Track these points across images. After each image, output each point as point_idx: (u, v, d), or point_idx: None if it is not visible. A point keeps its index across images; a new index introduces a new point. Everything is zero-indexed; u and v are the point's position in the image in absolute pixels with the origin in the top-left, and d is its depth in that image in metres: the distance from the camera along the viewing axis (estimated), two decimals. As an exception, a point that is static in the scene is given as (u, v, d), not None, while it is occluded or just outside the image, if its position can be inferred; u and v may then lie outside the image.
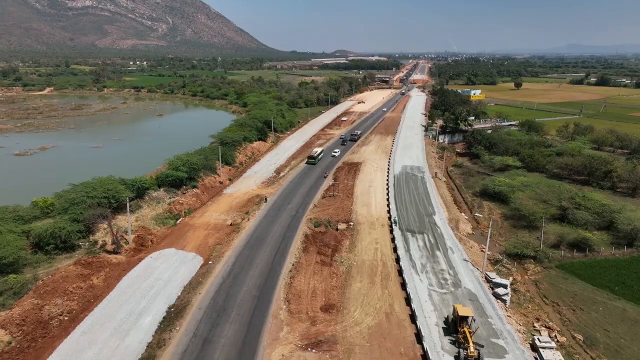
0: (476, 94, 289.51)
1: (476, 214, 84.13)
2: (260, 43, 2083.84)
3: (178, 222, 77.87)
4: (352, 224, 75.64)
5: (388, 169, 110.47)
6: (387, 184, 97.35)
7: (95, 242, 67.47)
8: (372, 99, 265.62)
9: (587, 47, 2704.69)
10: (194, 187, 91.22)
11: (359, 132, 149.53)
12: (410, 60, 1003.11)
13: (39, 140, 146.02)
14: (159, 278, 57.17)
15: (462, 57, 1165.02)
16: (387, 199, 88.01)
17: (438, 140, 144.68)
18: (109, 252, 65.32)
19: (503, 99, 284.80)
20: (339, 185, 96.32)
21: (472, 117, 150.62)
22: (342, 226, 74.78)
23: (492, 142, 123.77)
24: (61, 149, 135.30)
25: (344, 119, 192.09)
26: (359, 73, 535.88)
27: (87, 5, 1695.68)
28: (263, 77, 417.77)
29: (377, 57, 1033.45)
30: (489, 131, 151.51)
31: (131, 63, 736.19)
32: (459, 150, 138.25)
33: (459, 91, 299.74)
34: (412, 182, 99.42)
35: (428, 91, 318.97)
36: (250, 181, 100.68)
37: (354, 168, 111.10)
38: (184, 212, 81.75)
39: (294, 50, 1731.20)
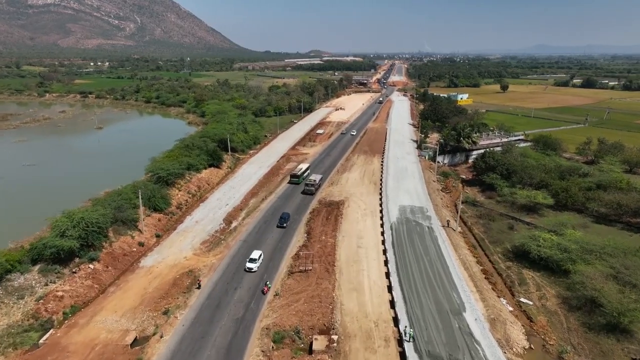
0: (463, 98, 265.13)
1: (522, 300, 55.56)
2: (233, 43, 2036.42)
3: (43, 340, 46.29)
4: (335, 338, 45.76)
5: (381, 212, 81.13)
6: (383, 243, 67.99)
7: None
8: (351, 105, 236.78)
9: (555, 48, 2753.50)
10: (92, 259, 59.54)
11: (317, 180, 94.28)
12: (386, 61, 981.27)
13: None
14: None
15: (437, 58, 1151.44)
16: (387, 274, 58.60)
17: (437, 162, 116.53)
18: None
19: (492, 104, 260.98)
20: (314, 247, 66.31)
21: (477, 133, 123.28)
22: (319, 343, 44.86)
23: (510, 169, 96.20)
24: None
25: (319, 131, 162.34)
26: (335, 74, 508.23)
27: (48, 3, 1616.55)
28: (232, 79, 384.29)
29: (352, 58, 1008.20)
30: (497, 148, 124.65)
31: (92, 64, 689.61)
32: (464, 177, 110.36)
33: (444, 95, 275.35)
34: (418, 237, 70.31)
35: (411, 95, 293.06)
36: (186, 240, 69.46)
37: (334, 211, 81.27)
38: (63, 314, 50.22)
39: (268, 50, 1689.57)
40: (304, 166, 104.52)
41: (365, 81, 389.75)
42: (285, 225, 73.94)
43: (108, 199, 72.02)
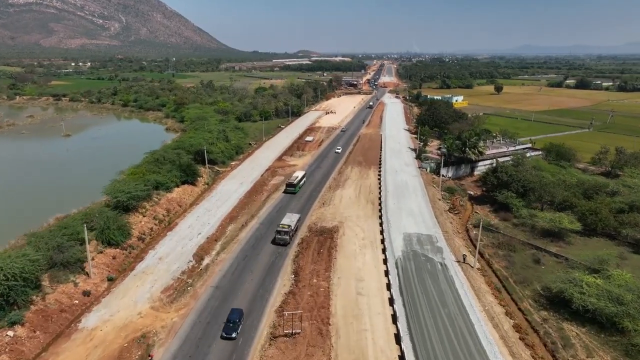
0: (459, 100, 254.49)
1: (573, 372, 43.25)
2: (221, 43, 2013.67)
3: None
4: None
5: (382, 241, 68.52)
6: (389, 287, 55.23)
7: None
8: (341, 108, 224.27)
9: (541, 48, 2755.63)
10: (14, 323, 45.77)
11: (292, 224, 68.49)
12: (375, 61, 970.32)
13: None
14: None
15: (426, 58, 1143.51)
16: (397, 336, 45.87)
17: (440, 175, 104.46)
18: None
19: (488, 107, 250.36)
20: (303, 294, 53.37)
21: (482, 142, 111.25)
22: None
23: (527, 185, 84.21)
24: None
25: (308, 139, 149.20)
26: (324, 75, 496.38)
27: (30, 2, 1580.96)
28: (217, 80, 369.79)
29: (340, 58, 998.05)
30: (504, 159, 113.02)
31: (73, 64, 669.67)
32: (471, 193, 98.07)
33: (434, 98, 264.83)
34: (430, 278, 57.75)
35: (403, 97, 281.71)
36: (145, 286, 55.81)
37: (327, 242, 68.37)
38: (-42, 413, 36.56)
39: (256, 50, 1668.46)
40: (299, 174, 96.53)
41: (355, 82, 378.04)
42: (234, 335, 44.98)
43: (47, 235, 57.99)
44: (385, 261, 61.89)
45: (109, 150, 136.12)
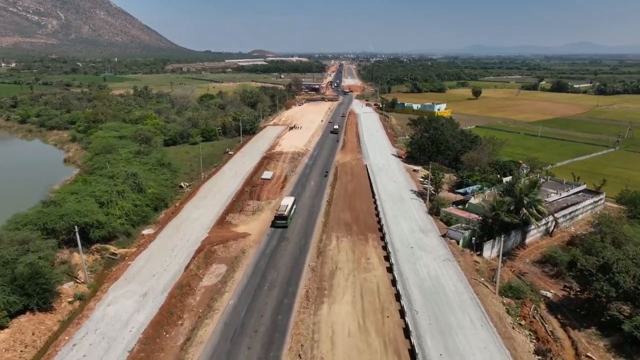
0: (441, 109, 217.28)
1: None
2: (171, 42, 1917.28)
3: None
4: None
5: None
6: None
7: None
8: (306, 121, 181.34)
9: (490, 49, 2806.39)
10: None
11: None
12: (333, 61, 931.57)
13: None
14: None
15: (384, 58, 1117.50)
16: None
17: (481, 253, 64.32)
18: None
19: (474, 116, 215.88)
20: None
21: (541, 199, 71.00)
22: None
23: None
24: None
25: (266, 175, 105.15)
26: (281, 77, 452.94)
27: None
28: (160, 84, 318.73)
29: (297, 58, 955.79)
30: (564, 213, 74.60)
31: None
32: (547, 293, 57.06)
33: (412, 105, 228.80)
34: None
35: (375, 105, 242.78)
36: None
37: None
38: None
39: (208, 50, 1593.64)
40: (289, 201, 79.03)
41: (318, 86, 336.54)
42: None
43: None
44: None
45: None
